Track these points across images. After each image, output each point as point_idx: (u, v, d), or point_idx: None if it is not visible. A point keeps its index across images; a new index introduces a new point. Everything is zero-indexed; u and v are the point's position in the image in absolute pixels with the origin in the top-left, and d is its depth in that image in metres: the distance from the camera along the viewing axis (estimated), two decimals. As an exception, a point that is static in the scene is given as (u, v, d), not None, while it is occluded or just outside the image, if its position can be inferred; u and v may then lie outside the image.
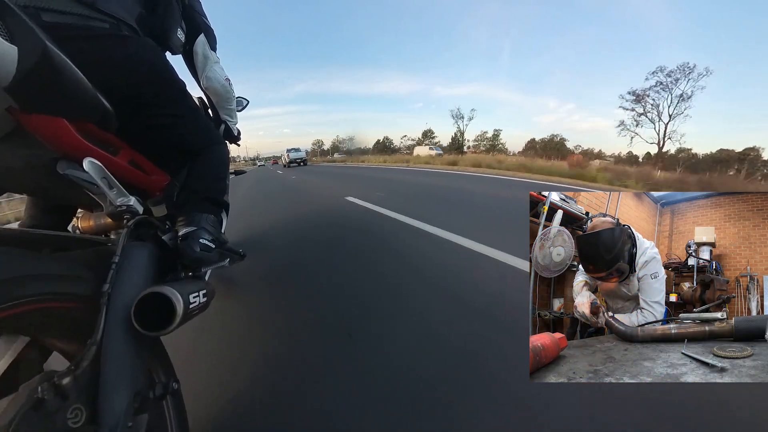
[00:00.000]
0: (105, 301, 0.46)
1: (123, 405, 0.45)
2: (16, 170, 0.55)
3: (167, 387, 0.54)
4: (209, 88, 1.07)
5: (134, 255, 0.54)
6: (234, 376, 0.97)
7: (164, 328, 0.49)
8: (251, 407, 0.85)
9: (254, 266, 1.88)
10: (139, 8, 0.72)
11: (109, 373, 0.45)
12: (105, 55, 0.62)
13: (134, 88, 0.67)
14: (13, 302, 0.38)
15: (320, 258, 1.98)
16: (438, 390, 0.85)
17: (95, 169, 0.53)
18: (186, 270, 0.68)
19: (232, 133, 1.27)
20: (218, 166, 0.88)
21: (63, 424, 0.39)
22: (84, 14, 0.60)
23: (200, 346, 1.14)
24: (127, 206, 0.58)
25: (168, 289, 0.51)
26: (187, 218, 0.74)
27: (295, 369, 0.98)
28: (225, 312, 1.37)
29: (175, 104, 0.78)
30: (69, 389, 0.40)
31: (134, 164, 0.71)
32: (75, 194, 0.61)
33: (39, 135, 0.48)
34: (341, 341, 1.10)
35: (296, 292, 1.55)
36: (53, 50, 0.45)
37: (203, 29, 0.97)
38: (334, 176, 9.33)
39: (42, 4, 0.55)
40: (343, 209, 3.60)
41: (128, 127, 0.67)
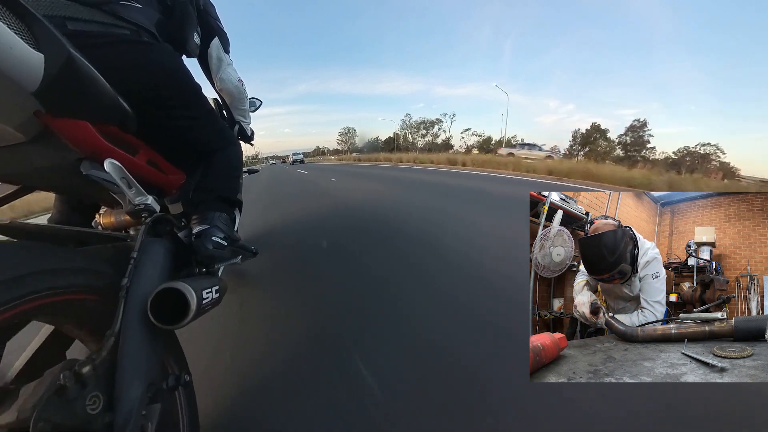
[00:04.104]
0: (123, 294, 0.48)
1: (138, 394, 0.46)
2: (44, 170, 0.58)
3: (180, 379, 0.56)
4: (223, 90, 1.10)
5: (151, 251, 0.56)
6: (244, 370, 0.99)
7: (178, 322, 0.51)
8: (261, 401, 0.87)
9: (266, 263, 1.91)
10: (157, 15, 0.75)
11: (126, 363, 0.47)
12: (126, 60, 0.65)
13: (153, 91, 0.70)
14: (40, 293, 0.40)
15: (329, 256, 2.00)
16: (438, 390, 0.86)
17: (115, 170, 0.56)
18: (200, 266, 0.71)
19: (246, 133, 1.30)
20: (232, 165, 0.90)
21: (82, 409, 0.41)
22: (106, 22, 0.63)
23: (212, 340, 1.16)
24: (145, 205, 0.61)
25: (182, 284, 0.53)
26: (201, 216, 0.76)
27: (304, 365, 1.00)
28: (237, 308, 1.39)
29: (192, 106, 0.80)
30: (88, 377, 0.42)
31: (152, 164, 0.74)
32: (97, 192, 0.64)
33: (64, 137, 0.51)
34: (346, 340, 1.11)
35: (306, 289, 1.57)
36: (77, 57, 0.47)
37: (217, 33, 1.00)
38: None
39: (67, 13, 0.58)
40: (354, 204, 3.62)
41: (147, 128, 0.70)
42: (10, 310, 0.37)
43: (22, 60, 0.39)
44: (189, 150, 0.84)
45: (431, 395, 0.84)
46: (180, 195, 0.85)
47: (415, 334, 1.11)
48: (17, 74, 0.39)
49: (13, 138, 0.48)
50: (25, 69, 0.40)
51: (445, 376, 0.90)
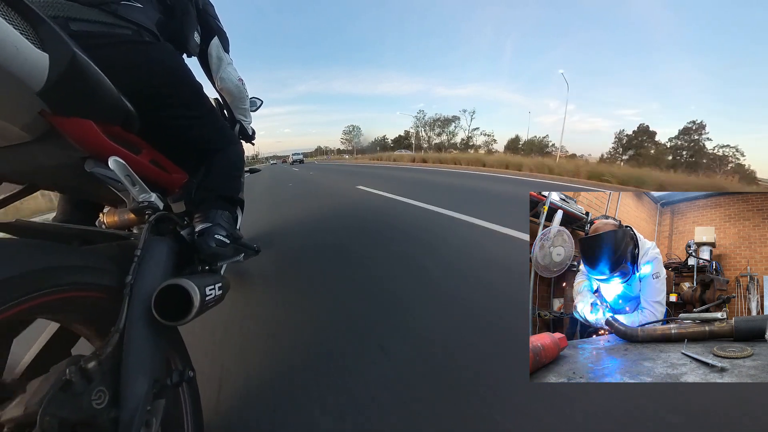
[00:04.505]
0: (128, 291, 0.49)
1: (143, 390, 0.47)
2: (49, 169, 0.59)
3: (183, 375, 0.56)
4: (224, 89, 1.11)
5: (155, 249, 0.57)
6: (247, 367, 1.00)
7: (182, 318, 0.52)
8: (262, 397, 0.87)
9: (269, 261, 1.93)
10: (158, 14, 0.76)
11: (131, 359, 0.48)
12: (128, 60, 0.65)
13: (155, 91, 0.71)
14: (45, 290, 0.41)
15: (330, 255, 2.01)
16: (438, 390, 0.86)
17: (119, 167, 0.56)
18: (203, 264, 0.71)
19: (247, 133, 1.31)
20: (233, 165, 0.91)
21: (88, 405, 0.41)
22: (108, 22, 0.63)
23: (215, 337, 1.17)
24: (149, 202, 0.61)
25: (186, 281, 0.54)
26: (204, 215, 0.77)
27: (305, 363, 1.00)
28: (240, 305, 1.40)
29: (193, 105, 0.81)
30: (94, 373, 0.43)
31: (155, 163, 0.74)
32: (101, 191, 0.65)
33: (69, 136, 0.51)
34: (346, 338, 1.11)
35: (308, 288, 1.58)
36: (81, 57, 0.48)
37: (217, 32, 1.00)
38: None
39: (69, 14, 0.58)
40: (355, 204, 3.62)
41: (149, 128, 0.71)
42: (16, 307, 0.37)
43: (28, 60, 0.39)
44: (191, 149, 0.85)
45: (431, 395, 0.84)
46: (182, 194, 0.86)
47: (416, 334, 1.11)
48: (23, 74, 0.39)
49: (18, 137, 0.48)
50: (31, 69, 0.40)
51: (445, 376, 0.91)
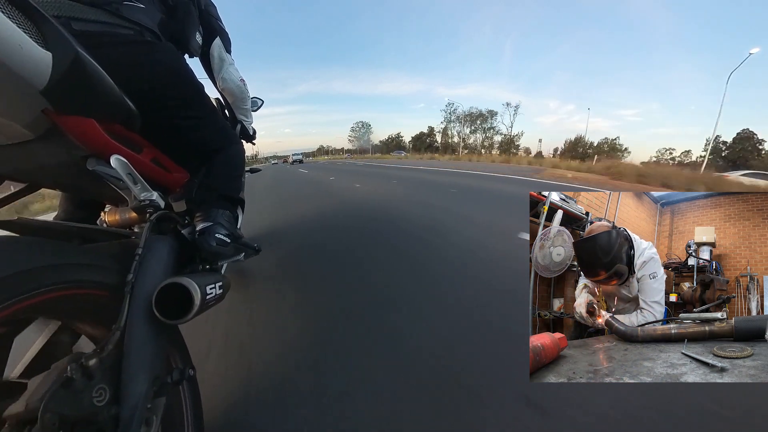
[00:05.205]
0: (129, 289, 0.49)
1: (143, 387, 0.47)
2: (51, 167, 0.59)
3: (184, 373, 0.56)
4: (225, 89, 1.12)
5: (156, 247, 0.57)
6: (247, 365, 1.00)
7: (182, 316, 0.52)
8: (262, 396, 0.88)
9: (269, 261, 1.93)
10: (160, 15, 0.76)
11: (132, 357, 0.48)
12: (130, 59, 0.66)
13: (157, 90, 0.71)
14: (46, 288, 0.41)
15: (330, 255, 2.01)
16: (438, 390, 0.86)
17: (121, 166, 0.56)
18: (203, 263, 0.72)
19: (248, 132, 1.31)
20: (234, 164, 0.91)
21: (89, 401, 0.42)
22: (110, 22, 0.63)
23: (215, 336, 1.17)
24: (150, 200, 0.62)
25: (186, 280, 0.54)
26: (205, 214, 0.77)
27: (305, 362, 1.01)
28: (240, 304, 1.40)
29: (195, 105, 0.81)
30: (95, 370, 0.43)
31: (156, 162, 0.74)
32: (103, 190, 0.65)
33: (71, 134, 0.51)
34: (346, 337, 1.12)
35: (308, 287, 1.58)
36: (84, 56, 0.48)
37: (218, 32, 1.01)
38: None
39: (71, 13, 0.59)
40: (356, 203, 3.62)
41: (151, 127, 0.71)
42: (17, 304, 0.38)
43: (31, 58, 0.40)
44: (192, 149, 0.85)
45: (431, 395, 0.85)
46: (184, 193, 0.86)
47: (416, 334, 1.11)
48: (26, 72, 0.40)
49: (21, 135, 0.48)
50: (34, 67, 0.41)
51: (445, 376, 0.91)
